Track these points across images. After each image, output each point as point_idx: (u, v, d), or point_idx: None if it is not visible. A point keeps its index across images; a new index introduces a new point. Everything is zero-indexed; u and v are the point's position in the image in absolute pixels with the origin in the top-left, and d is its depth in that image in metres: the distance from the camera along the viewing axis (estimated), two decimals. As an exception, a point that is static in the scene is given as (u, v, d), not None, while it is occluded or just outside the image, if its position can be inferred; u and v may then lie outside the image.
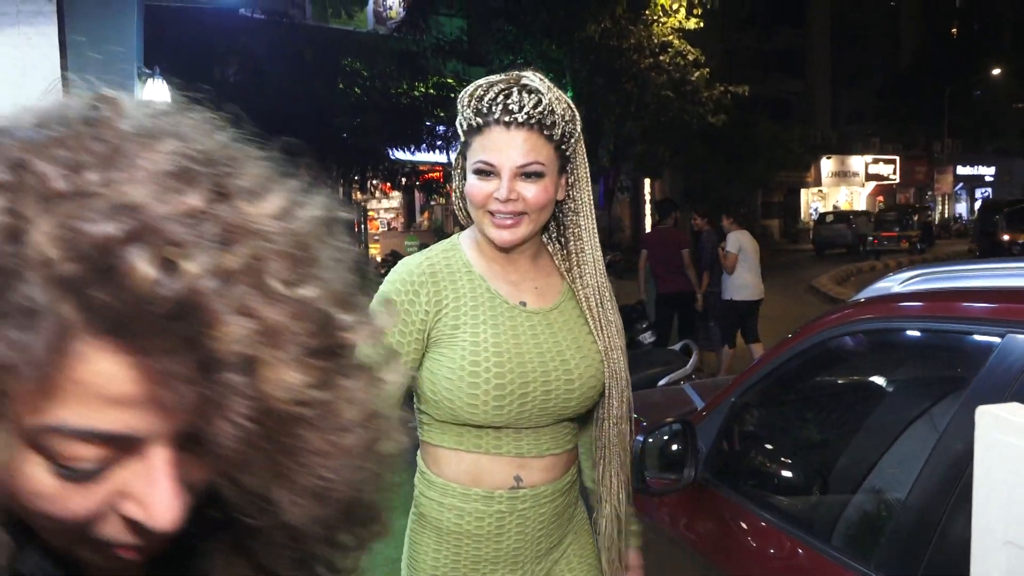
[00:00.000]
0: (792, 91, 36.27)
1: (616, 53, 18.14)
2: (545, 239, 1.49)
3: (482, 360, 1.32)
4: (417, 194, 22.06)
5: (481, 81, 1.35)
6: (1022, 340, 1.27)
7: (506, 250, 1.39)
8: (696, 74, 18.59)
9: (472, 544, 1.38)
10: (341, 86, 12.32)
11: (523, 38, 18.17)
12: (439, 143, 13.60)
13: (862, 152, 37.48)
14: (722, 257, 7.31)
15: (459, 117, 1.37)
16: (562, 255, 1.47)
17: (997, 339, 1.32)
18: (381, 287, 1.38)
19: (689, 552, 2.03)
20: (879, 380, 2.03)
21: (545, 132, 1.33)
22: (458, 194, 1.46)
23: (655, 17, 18.37)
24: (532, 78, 1.33)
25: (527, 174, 1.33)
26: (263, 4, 10.89)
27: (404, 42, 13.48)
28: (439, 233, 18.25)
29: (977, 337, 1.40)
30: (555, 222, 1.47)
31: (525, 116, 1.30)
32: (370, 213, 22.21)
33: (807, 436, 2.08)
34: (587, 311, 1.44)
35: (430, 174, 17.61)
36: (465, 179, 1.40)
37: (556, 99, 1.33)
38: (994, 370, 1.30)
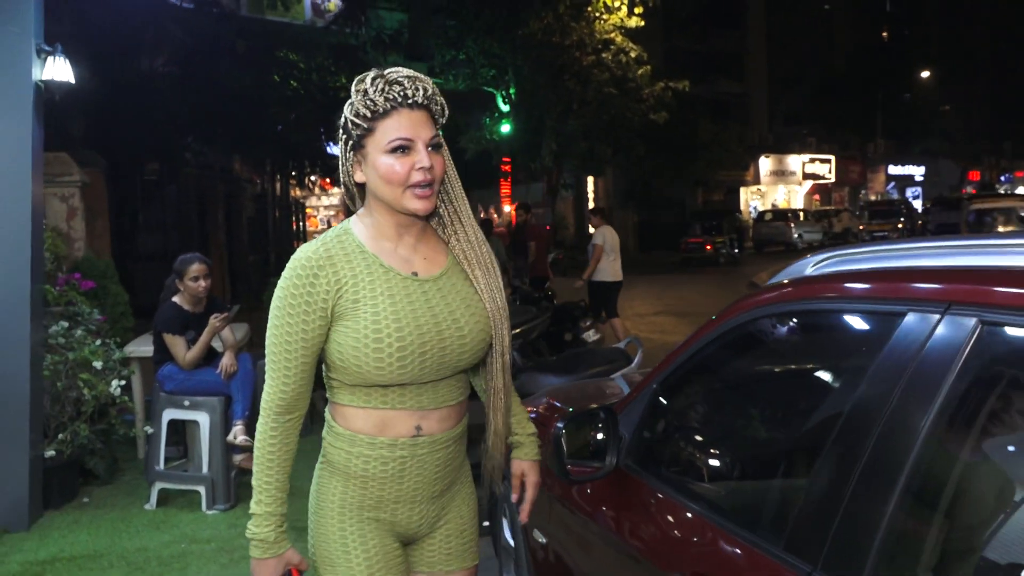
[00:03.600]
0: (730, 92, 36.92)
1: (558, 50, 18.18)
2: None
3: (383, 328, 1.49)
4: (358, 190, 21.75)
5: (370, 74, 1.51)
6: (920, 317, 1.28)
7: (406, 224, 1.57)
8: (640, 71, 18.72)
9: (377, 485, 1.57)
10: (276, 78, 12.04)
11: (465, 34, 18.08)
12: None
13: (799, 152, 38.45)
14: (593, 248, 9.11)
15: (355, 109, 1.50)
16: (442, 227, 1.65)
17: (899, 316, 1.33)
18: (283, 274, 1.54)
19: (612, 539, 2.01)
20: (793, 361, 2.04)
21: (435, 113, 1.54)
22: (350, 183, 1.60)
23: (597, 14, 18.46)
24: (409, 71, 1.52)
25: (434, 146, 1.51)
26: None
27: (342, 35, 13.27)
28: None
29: (881, 315, 1.41)
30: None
31: (425, 99, 1.50)
32: (308, 210, 21.80)
33: (727, 421, 2.08)
34: (472, 275, 1.62)
35: (371, 170, 17.31)
36: (360, 167, 1.54)
37: (435, 87, 1.54)
38: (897, 345, 1.30)
